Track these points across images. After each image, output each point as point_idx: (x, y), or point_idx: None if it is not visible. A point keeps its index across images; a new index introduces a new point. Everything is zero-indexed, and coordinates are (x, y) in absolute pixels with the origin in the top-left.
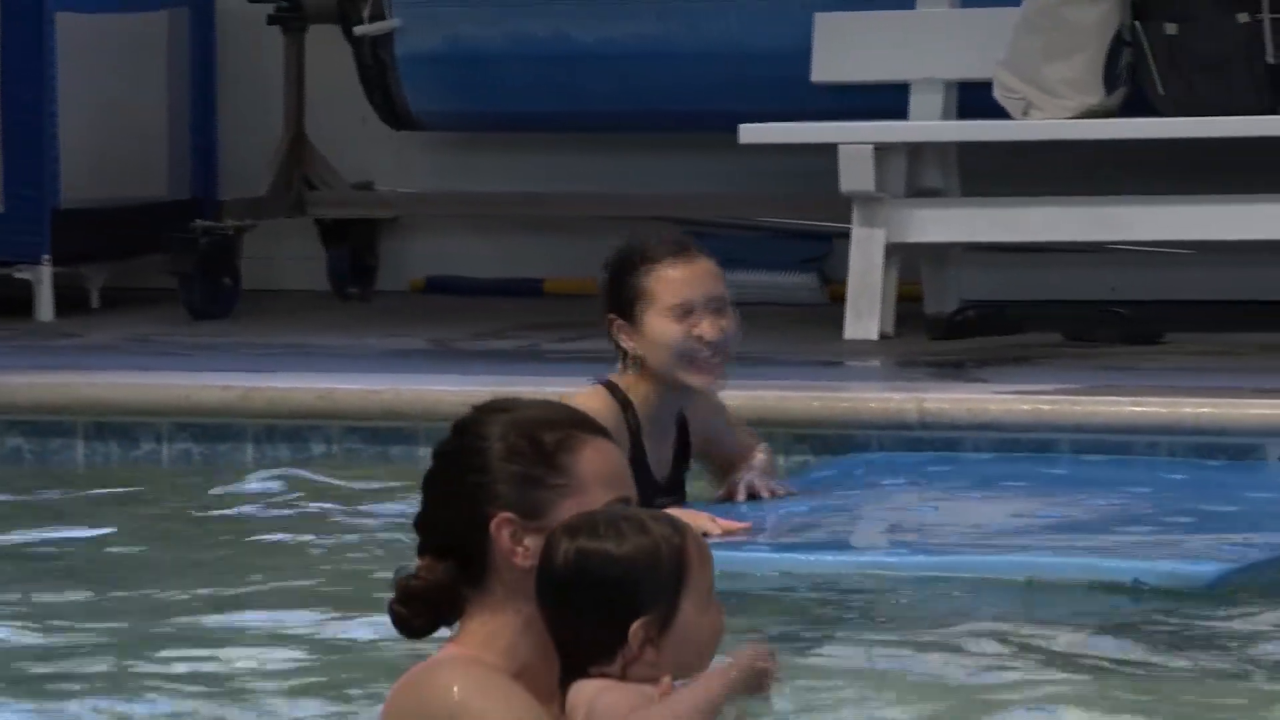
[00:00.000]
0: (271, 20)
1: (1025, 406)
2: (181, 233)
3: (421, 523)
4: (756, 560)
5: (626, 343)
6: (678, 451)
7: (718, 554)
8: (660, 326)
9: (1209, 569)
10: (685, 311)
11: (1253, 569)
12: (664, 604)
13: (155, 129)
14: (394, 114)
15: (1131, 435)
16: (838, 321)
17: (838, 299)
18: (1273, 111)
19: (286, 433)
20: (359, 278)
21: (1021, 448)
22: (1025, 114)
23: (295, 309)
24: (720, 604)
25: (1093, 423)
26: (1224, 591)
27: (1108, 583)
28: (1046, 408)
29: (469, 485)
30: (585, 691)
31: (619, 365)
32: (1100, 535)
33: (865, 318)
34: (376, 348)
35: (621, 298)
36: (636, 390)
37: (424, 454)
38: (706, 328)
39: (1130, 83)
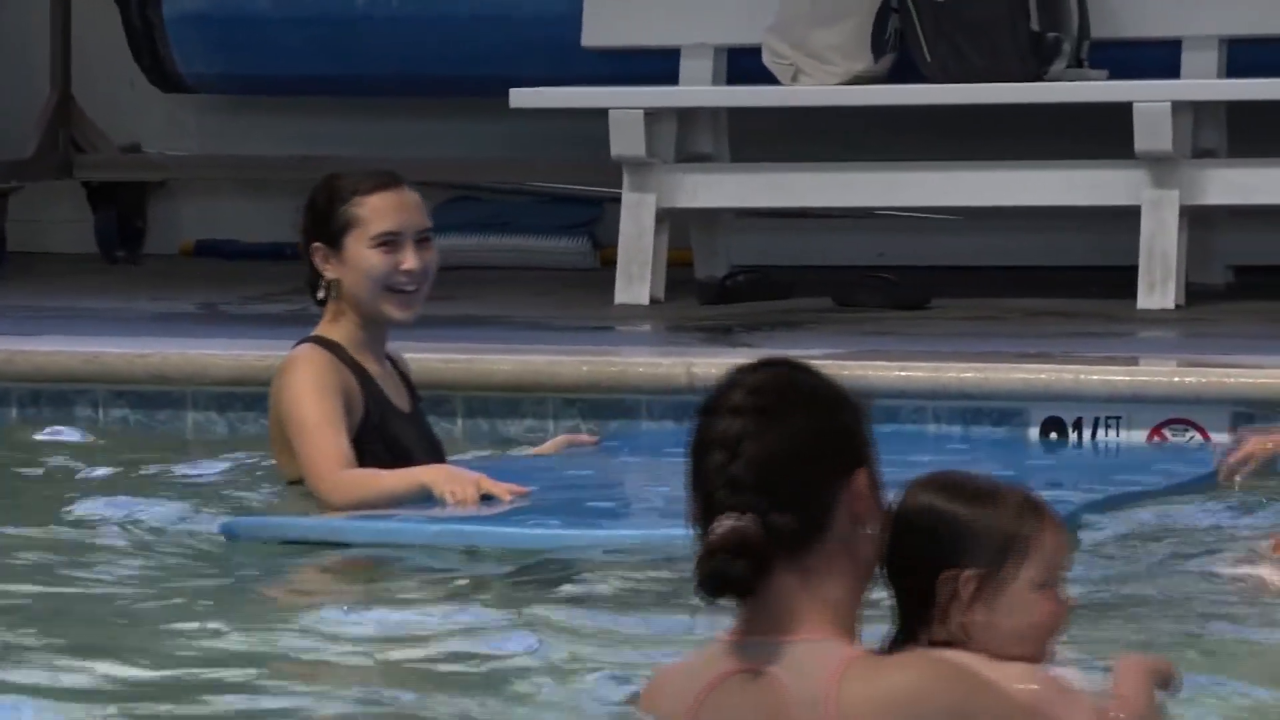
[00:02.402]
0: None
1: None
2: None
3: (745, 477)
4: (545, 538)
5: (327, 269)
6: (404, 381)
7: (494, 530)
8: (364, 255)
9: None
10: (391, 242)
11: None
12: (992, 563)
13: None
14: (162, 76)
15: (898, 399)
16: (609, 286)
17: (609, 264)
18: (1037, 78)
19: (52, 397)
20: (127, 241)
21: None
22: (794, 80)
23: (62, 272)
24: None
25: (859, 387)
26: None
27: None
28: None
29: (831, 439)
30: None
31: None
32: None
33: (636, 283)
34: (145, 311)
35: (328, 226)
36: (338, 330)
37: (192, 418)
38: (410, 259)
39: (898, 49)
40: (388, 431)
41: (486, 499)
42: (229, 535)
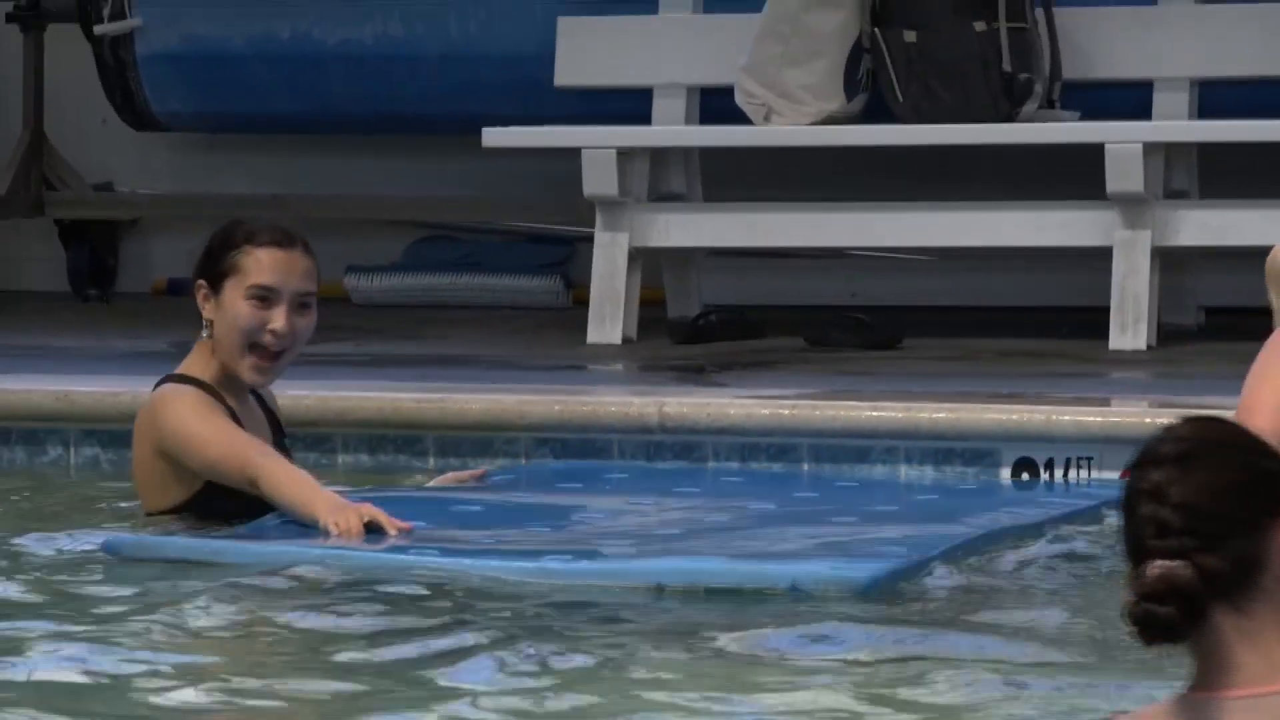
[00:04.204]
0: (10, 18)
1: (765, 411)
2: None
3: (1172, 520)
4: (419, 563)
5: (205, 308)
6: (269, 417)
7: (382, 558)
8: (237, 305)
9: (862, 573)
10: (265, 298)
11: (909, 570)
12: None
13: None
14: (135, 114)
15: (870, 440)
16: (581, 325)
17: (581, 303)
18: (1009, 119)
19: (23, 435)
20: (99, 279)
21: (761, 452)
22: (766, 119)
23: (34, 310)
24: None
25: (832, 427)
26: (881, 593)
27: (768, 588)
28: (786, 412)
29: (1257, 480)
30: None
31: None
32: (765, 540)
33: (608, 322)
34: (117, 350)
35: (214, 267)
36: (200, 367)
37: None
38: (279, 320)
39: (870, 89)
40: None
41: (372, 531)
42: (111, 553)
